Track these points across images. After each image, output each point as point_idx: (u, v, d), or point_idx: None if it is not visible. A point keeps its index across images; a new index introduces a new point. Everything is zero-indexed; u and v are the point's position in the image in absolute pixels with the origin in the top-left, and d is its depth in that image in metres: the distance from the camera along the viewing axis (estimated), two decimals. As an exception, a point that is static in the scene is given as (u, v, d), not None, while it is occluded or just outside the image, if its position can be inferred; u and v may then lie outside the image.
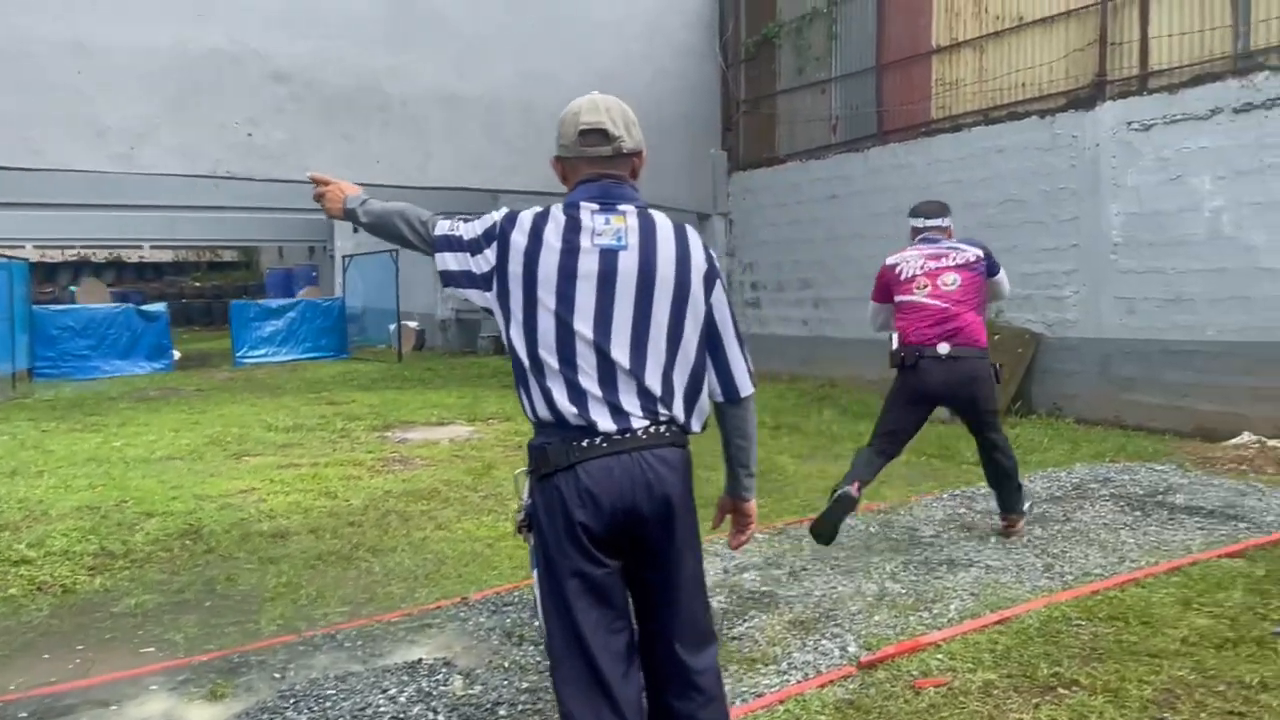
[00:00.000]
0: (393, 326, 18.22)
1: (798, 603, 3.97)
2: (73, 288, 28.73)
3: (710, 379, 2.28)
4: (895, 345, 4.87)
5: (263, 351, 17.23)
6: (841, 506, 4.42)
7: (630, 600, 2.23)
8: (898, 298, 4.90)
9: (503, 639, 3.73)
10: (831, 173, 11.38)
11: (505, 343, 2.25)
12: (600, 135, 2.29)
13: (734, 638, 3.62)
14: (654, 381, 2.16)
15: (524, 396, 2.21)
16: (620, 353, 2.14)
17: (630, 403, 2.13)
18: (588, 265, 2.16)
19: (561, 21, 11.41)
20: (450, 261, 2.30)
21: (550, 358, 2.14)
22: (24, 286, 14.77)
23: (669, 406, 2.17)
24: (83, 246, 33.08)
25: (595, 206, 2.23)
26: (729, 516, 2.56)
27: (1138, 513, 5.37)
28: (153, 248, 33.81)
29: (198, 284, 34.66)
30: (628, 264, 2.17)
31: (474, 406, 10.53)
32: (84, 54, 8.67)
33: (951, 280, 4.74)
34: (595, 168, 2.30)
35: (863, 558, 4.60)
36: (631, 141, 2.34)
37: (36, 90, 8.46)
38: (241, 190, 14.37)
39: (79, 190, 14.08)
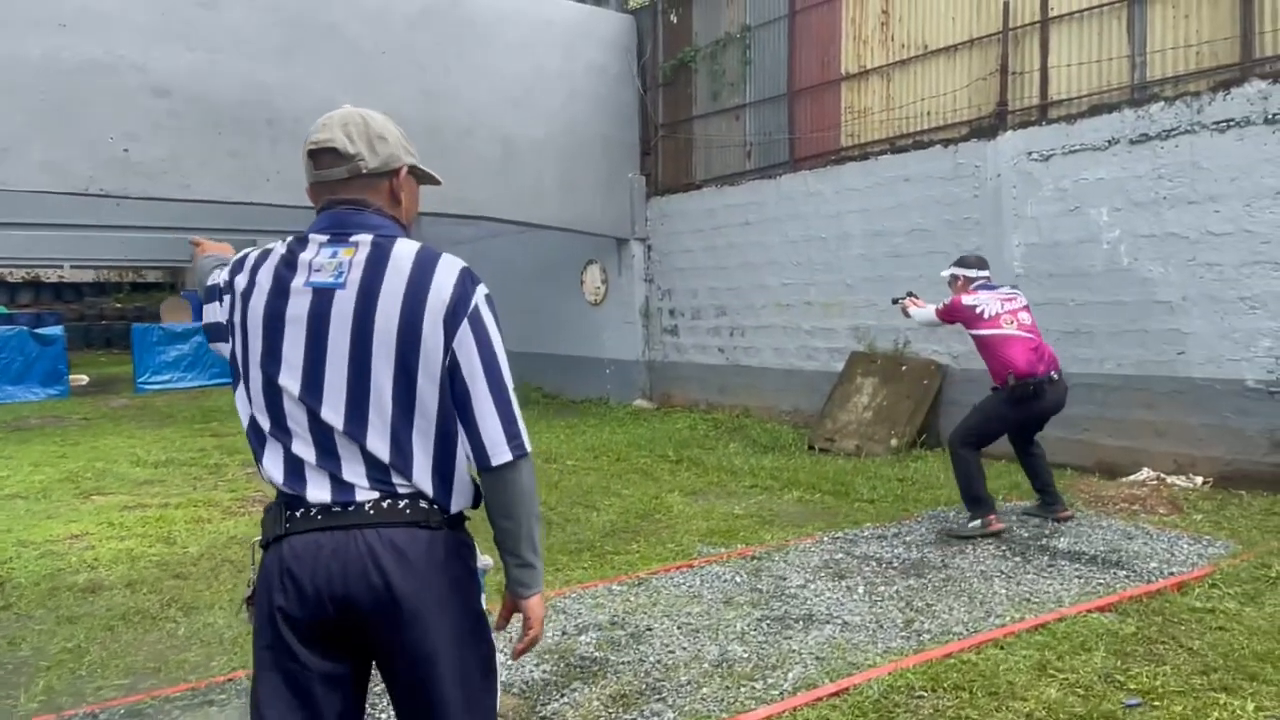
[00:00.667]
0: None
1: (628, 671, 3.60)
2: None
3: (464, 442, 1.84)
4: (1011, 380, 5.56)
5: (166, 377, 16.48)
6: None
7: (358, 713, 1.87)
8: (986, 331, 5.66)
9: None
10: (746, 199, 11.16)
11: None
12: (331, 155, 1.94)
13: (543, 718, 3.23)
14: (379, 447, 1.78)
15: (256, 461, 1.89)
16: (333, 414, 1.78)
17: (354, 472, 1.78)
18: (296, 308, 1.82)
19: (468, 40, 11.07)
20: (207, 314, 2.02)
21: (263, 419, 1.83)
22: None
23: (407, 477, 1.79)
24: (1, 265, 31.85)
25: (324, 238, 1.87)
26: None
27: (1018, 558, 5.11)
28: (73, 267, 32.66)
29: (119, 305, 33.45)
30: (342, 306, 1.80)
31: (369, 438, 10.02)
32: (-63, 62, 8.10)
33: (1026, 318, 5.71)
34: (330, 193, 1.93)
35: (717, 614, 4.25)
36: (377, 159, 1.95)
37: (-119, 99, 7.87)
38: (163, 210, 13.84)
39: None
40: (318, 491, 1.77)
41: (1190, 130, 7.12)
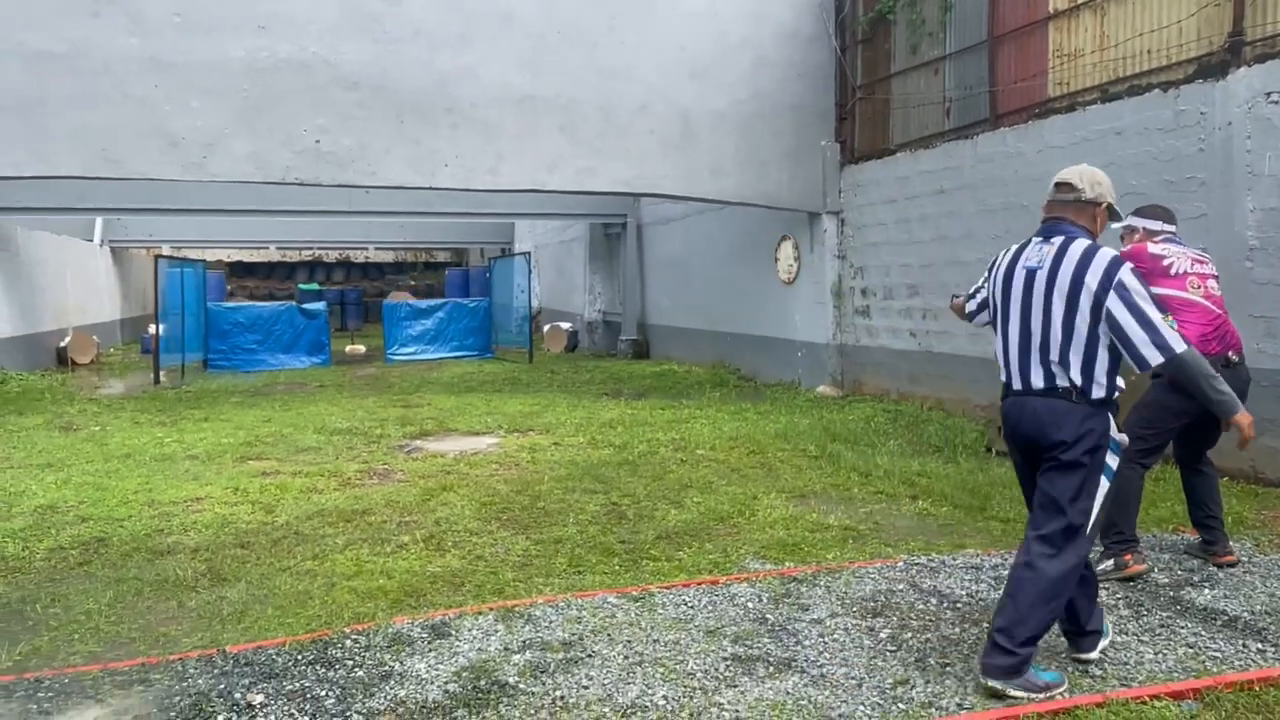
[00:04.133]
0: (515, 326, 18.38)
1: (523, 704, 3.21)
2: (301, 285, 31.57)
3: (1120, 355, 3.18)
4: None
5: (411, 350, 17.92)
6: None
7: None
8: (1165, 291, 4.51)
9: (190, 712, 3.26)
10: (940, 164, 9.95)
11: None
12: (1067, 187, 3.39)
13: (393, 745, 2.94)
14: (1053, 358, 3.23)
15: None
16: (1035, 339, 3.28)
17: (1037, 372, 3.28)
18: (1018, 281, 3.35)
19: (644, 13, 10.80)
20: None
21: (998, 341, 3.47)
22: (198, 288, 16.24)
23: (1066, 373, 3.21)
24: (318, 247, 36.50)
25: (1039, 240, 3.37)
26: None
27: (1127, 611, 4.02)
28: (376, 249, 36.74)
29: (413, 282, 37.07)
30: (1040, 279, 3.27)
31: (533, 416, 10.18)
32: (159, 68, 9.19)
33: (1215, 287, 4.73)
34: (1056, 211, 3.41)
35: (686, 645, 3.70)
36: (1090, 195, 3.38)
37: (115, 104, 9.07)
38: (450, 198, 15.75)
39: (317, 200, 15.68)
40: (1017, 380, 3.34)
41: None
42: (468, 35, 10.21)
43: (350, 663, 3.60)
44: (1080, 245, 3.20)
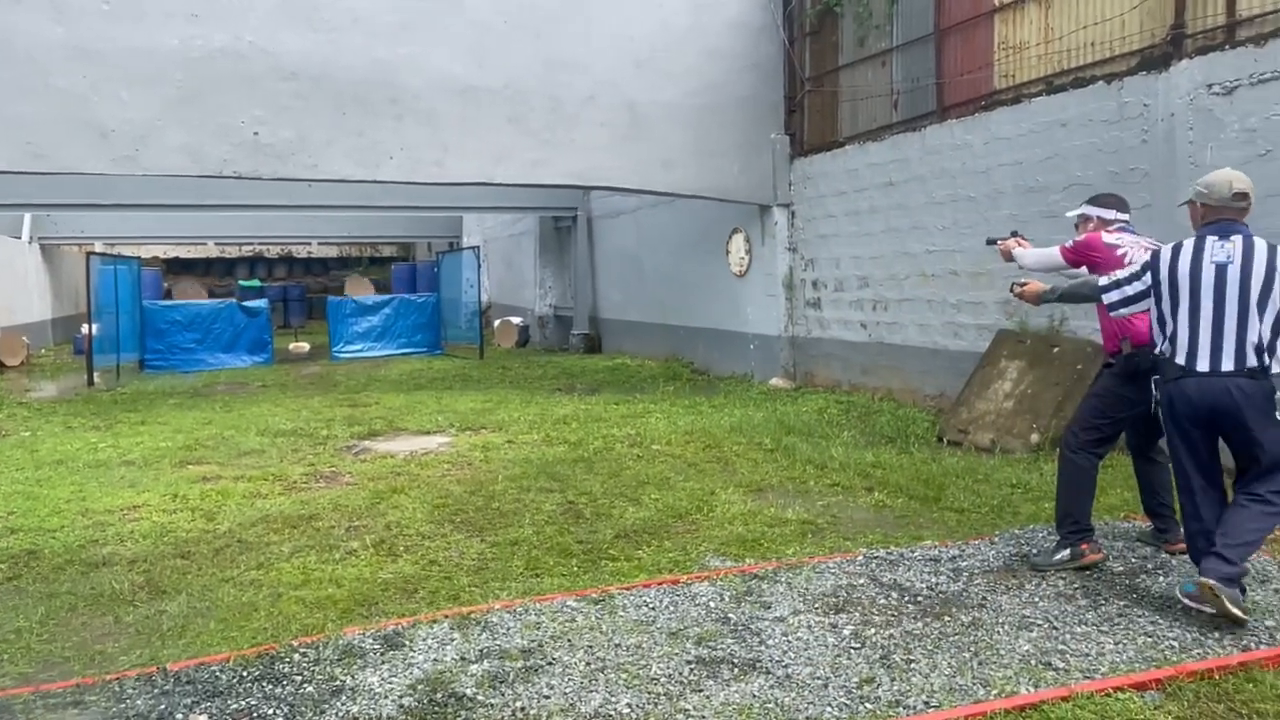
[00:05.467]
0: (464, 323, 18.13)
1: (481, 716, 3.09)
2: (241, 281, 30.80)
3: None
4: (1126, 347, 4.57)
5: (358, 347, 17.58)
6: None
7: None
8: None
9: (126, 732, 3.10)
10: (889, 156, 9.99)
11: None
12: (1246, 197, 3.89)
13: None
14: (1249, 342, 3.73)
15: None
16: (1231, 327, 3.74)
17: (1228, 355, 3.74)
18: (1208, 275, 3.77)
19: (591, 2, 10.65)
20: (1118, 294, 4.21)
21: (1183, 332, 3.85)
22: (133, 286, 15.70)
23: (1259, 356, 3.72)
24: (259, 242, 35.62)
25: (1215, 238, 3.82)
26: None
27: (1085, 601, 4.04)
28: (319, 244, 36.00)
29: (362, 276, 36.39)
30: (1232, 273, 3.73)
31: (485, 414, 10.02)
32: (87, 58, 8.81)
33: None
34: (1225, 215, 3.88)
35: (649, 648, 3.62)
36: (1249, 201, 3.94)
37: (40, 95, 8.66)
38: (396, 191, 15.33)
39: (257, 193, 15.11)
40: (1204, 363, 3.75)
41: None
42: (410, 23, 9.97)
43: (299, 678, 3.45)
44: (1262, 242, 3.78)
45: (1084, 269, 4.78)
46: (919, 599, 4.14)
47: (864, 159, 10.36)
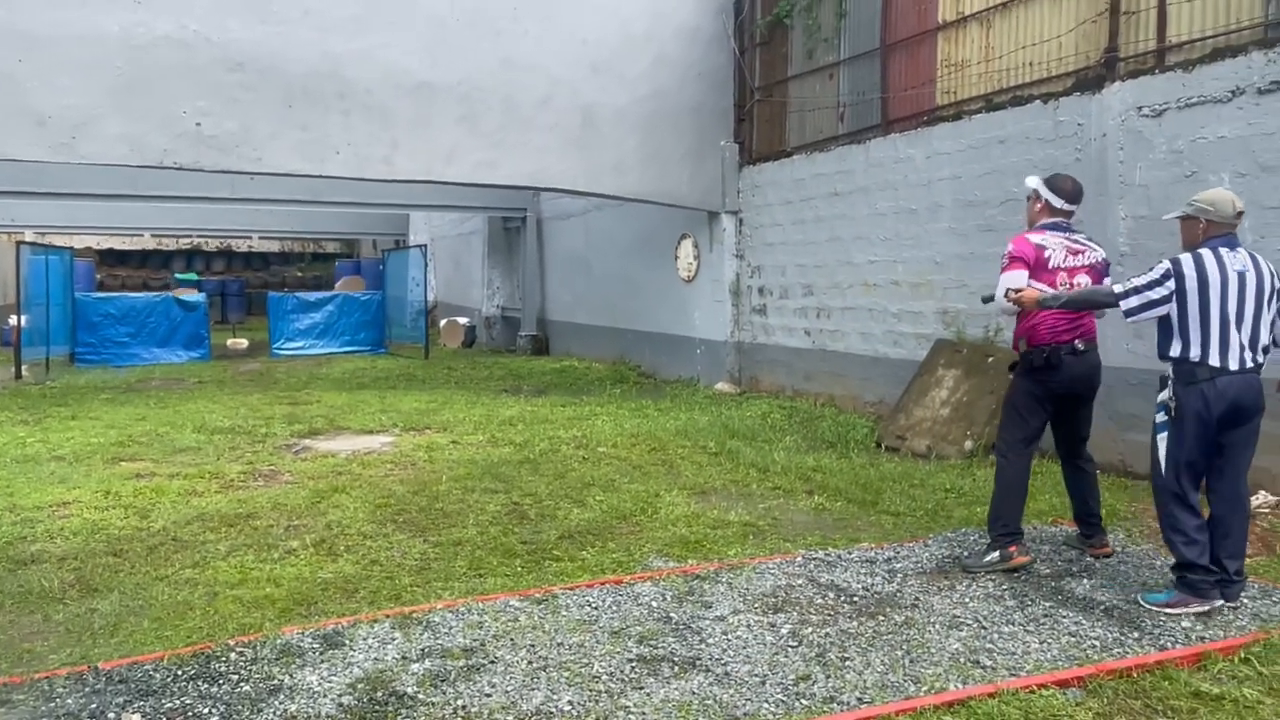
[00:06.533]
0: (409, 321, 17.97)
1: (422, 715, 3.10)
2: (178, 274, 30.05)
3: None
4: (1025, 348, 4.75)
5: (299, 344, 17.29)
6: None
7: None
8: (1037, 283, 4.63)
9: (55, 731, 3.03)
10: (834, 167, 10.18)
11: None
12: (1240, 216, 4.23)
13: (284, 763, 2.80)
14: (1260, 341, 4.11)
15: None
16: (1250, 329, 4.07)
17: (1249, 354, 4.07)
18: (1236, 281, 4.05)
19: (548, 3, 10.66)
20: (1141, 299, 4.23)
21: (1214, 336, 4.05)
22: (64, 277, 15.25)
23: (1264, 354, 4.13)
24: (197, 235, 34.77)
25: (1229, 250, 4.12)
26: None
27: (1013, 603, 4.18)
28: (260, 238, 35.25)
29: (300, 274, 35.79)
30: (1251, 279, 4.08)
31: (429, 414, 9.95)
32: (24, 42, 8.56)
33: (1084, 284, 4.68)
34: (1226, 230, 4.18)
35: (591, 646, 3.66)
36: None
37: (-28, 80, 8.39)
38: (341, 186, 15.04)
39: (197, 185, 14.72)
40: (1235, 362, 4.01)
41: (1333, 73, 5.67)
42: (363, 18, 9.87)
43: (235, 677, 3.41)
44: (1253, 253, 4.20)
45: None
46: (855, 599, 4.24)
47: (810, 169, 10.53)
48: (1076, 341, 4.68)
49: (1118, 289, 4.24)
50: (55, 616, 4.15)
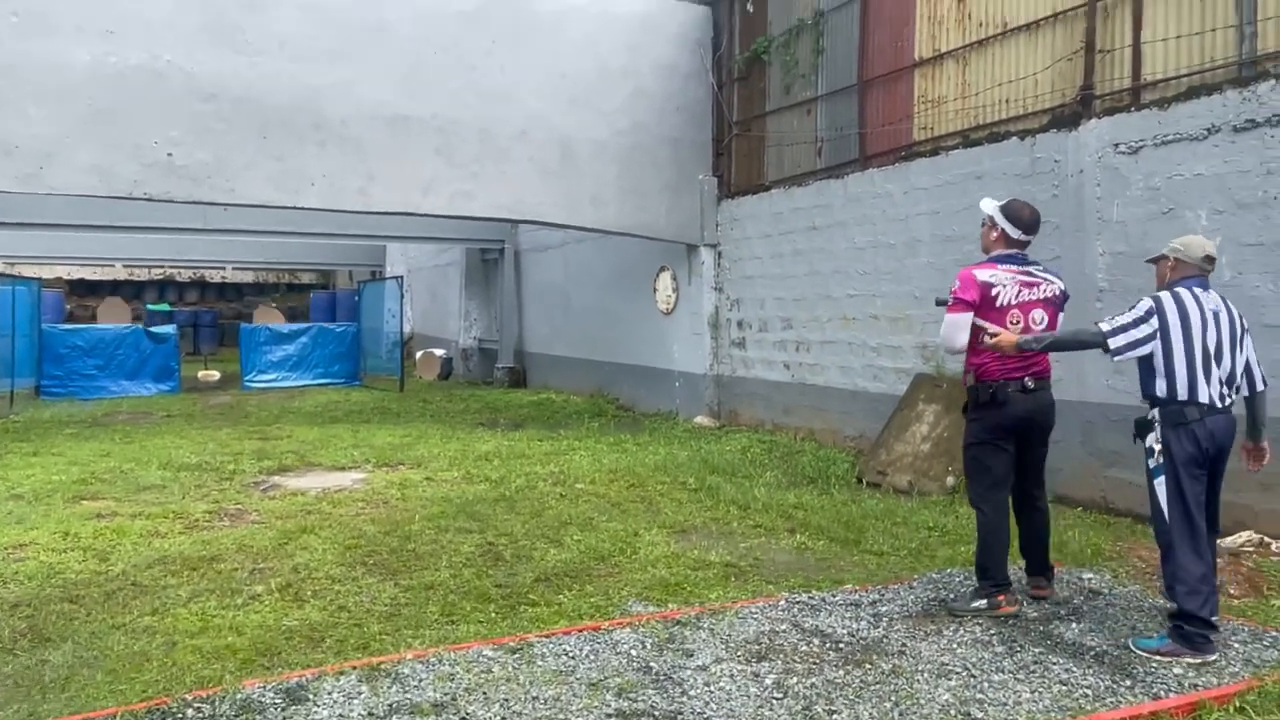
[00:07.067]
0: (384, 353, 17.76)
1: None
2: (150, 305, 29.66)
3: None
4: (972, 382, 4.60)
5: (272, 376, 17.04)
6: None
7: None
8: (984, 322, 4.46)
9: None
10: (813, 201, 10.18)
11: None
12: (1212, 261, 4.24)
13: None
14: (1236, 373, 4.14)
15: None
16: (1228, 364, 4.11)
17: (1227, 389, 4.08)
18: (1208, 320, 4.08)
19: (525, 37, 10.65)
20: (1124, 338, 4.15)
21: (1198, 368, 4.01)
22: (31, 308, 14.95)
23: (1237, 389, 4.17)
24: (170, 266, 34.38)
25: (1200, 290, 4.14)
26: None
27: (1002, 649, 4.07)
28: (234, 269, 34.91)
29: (274, 305, 35.42)
30: (1223, 318, 4.12)
31: (403, 449, 9.76)
32: (-9, 71, 8.41)
33: (1040, 319, 4.54)
34: (1201, 271, 4.20)
35: (567, 700, 3.51)
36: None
37: (-64, 108, 8.22)
38: (317, 217, 14.87)
39: (170, 216, 14.44)
40: (1219, 400, 4.02)
41: (1306, 112, 5.71)
42: (339, 50, 9.80)
43: (192, 736, 3.23)
44: (1222, 295, 4.23)
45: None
46: (840, 646, 4.12)
47: (789, 203, 10.53)
48: (1026, 379, 4.49)
49: (1104, 328, 4.09)
50: (4, 669, 3.94)
